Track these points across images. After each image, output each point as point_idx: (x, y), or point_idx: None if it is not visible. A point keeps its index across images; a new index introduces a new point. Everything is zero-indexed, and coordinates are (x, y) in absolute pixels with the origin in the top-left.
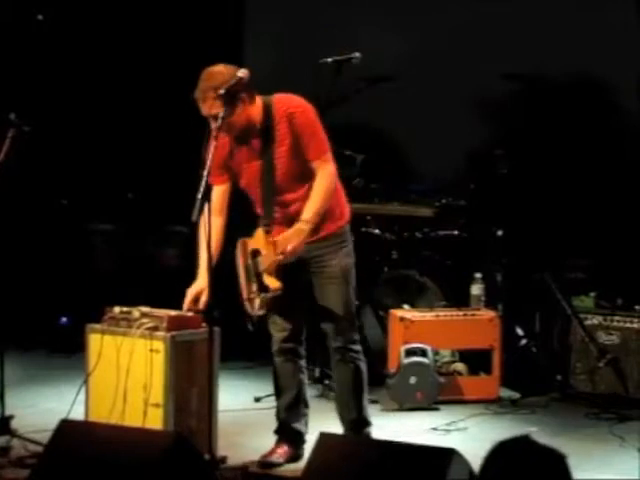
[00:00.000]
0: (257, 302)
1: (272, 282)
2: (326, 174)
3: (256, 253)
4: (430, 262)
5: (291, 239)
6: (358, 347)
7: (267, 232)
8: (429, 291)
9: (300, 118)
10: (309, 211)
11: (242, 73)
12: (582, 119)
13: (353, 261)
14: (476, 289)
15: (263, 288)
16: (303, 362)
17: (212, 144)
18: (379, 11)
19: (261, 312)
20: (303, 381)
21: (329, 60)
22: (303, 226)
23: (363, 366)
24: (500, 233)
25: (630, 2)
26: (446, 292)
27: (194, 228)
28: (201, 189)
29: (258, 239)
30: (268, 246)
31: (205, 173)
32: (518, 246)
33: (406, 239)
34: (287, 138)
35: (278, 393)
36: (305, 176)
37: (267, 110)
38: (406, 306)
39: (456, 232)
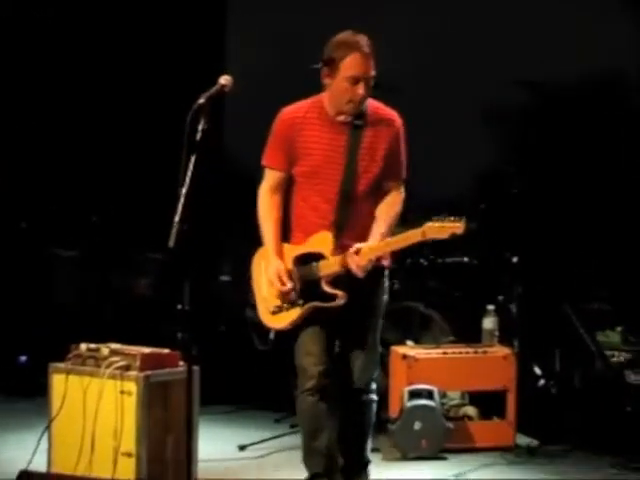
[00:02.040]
0: (295, 313)
1: (333, 290)
2: (401, 199)
3: (314, 257)
4: (436, 293)
5: (376, 252)
6: (375, 387)
7: (336, 237)
8: (435, 325)
9: (401, 129)
10: (386, 230)
11: (224, 80)
12: (601, 129)
13: None
14: (488, 323)
15: (319, 296)
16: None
17: (192, 159)
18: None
19: (290, 325)
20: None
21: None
22: (382, 244)
23: (375, 406)
24: (515, 260)
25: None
26: (455, 326)
27: (171, 255)
28: (179, 210)
29: (322, 242)
30: (335, 252)
31: (184, 192)
32: (535, 274)
33: (409, 267)
34: (383, 145)
35: (313, 435)
36: (379, 193)
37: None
38: (409, 342)
39: (465, 259)
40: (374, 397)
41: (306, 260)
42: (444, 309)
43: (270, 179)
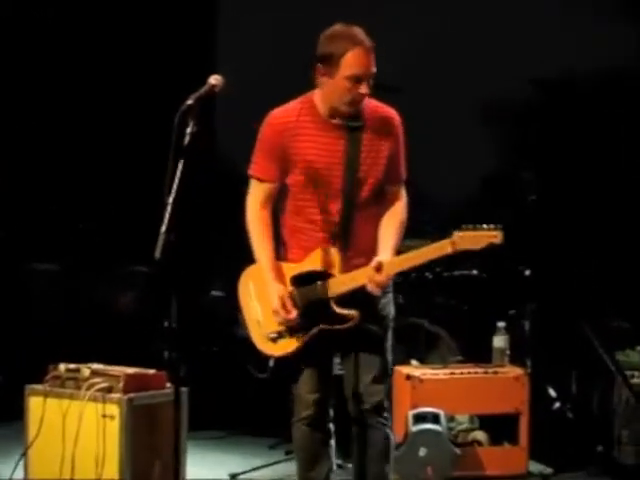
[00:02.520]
0: (299, 339)
1: (345, 310)
2: (405, 204)
3: (317, 275)
4: (443, 308)
5: (399, 266)
6: (388, 406)
7: (343, 251)
8: (442, 343)
9: (401, 127)
10: (396, 241)
11: (215, 80)
12: (621, 129)
13: None
14: (499, 341)
15: (327, 318)
16: (332, 425)
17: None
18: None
19: (293, 352)
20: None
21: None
22: (405, 258)
23: (392, 434)
24: (528, 273)
25: None
26: (463, 345)
27: (157, 267)
28: (166, 219)
29: (327, 259)
30: (341, 268)
31: (171, 200)
32: (550, 289)
33: (414, 280)
34: (384, 147)
35: (309, 466)
36: (381, 198)
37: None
38: (414, 362)
39: (475, 272)
40: (388, 420)
41: (307, 279)
42: (451, 326)
43: (260, 192)
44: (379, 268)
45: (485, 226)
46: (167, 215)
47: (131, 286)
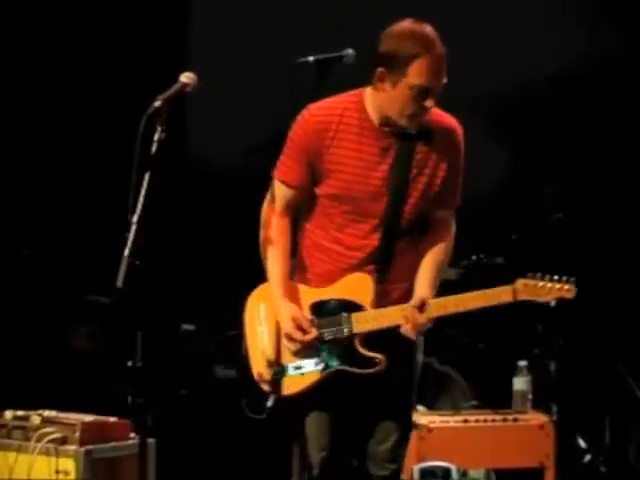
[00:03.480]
0: (311, 377)
1: (371, 353)
2: (453, 237)
3: (343, 306)
4: (455, 344)
5: (445, 309)
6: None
7: (379, 282)
8: (454, 386)
9: (463, 144)
10: (435, 279)
11: (186, 78)
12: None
13: None
14: (520, 383)
15: (349, 359)
16: None
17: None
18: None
19: (301, 392)
20: None
21: (310, 59)
22: (453, 300)
23: None
24: (553, 303)
25: None
26: (478, 387)
27: (119, 297)
28: (129, 241)
29: (358, 288)
30: (375, 302)
31: (135, 219)
32: (580, 322)
33: None
34: (442, 164)
35: None
36: (429, 224)
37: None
38: (421, 407)
39: None
40: None
41: (330, 309)
42: (464, 365)
43: (283, 197)
44: (422, 307)
45: (556, 277)
46: (131, 236)
47: (89, 320)
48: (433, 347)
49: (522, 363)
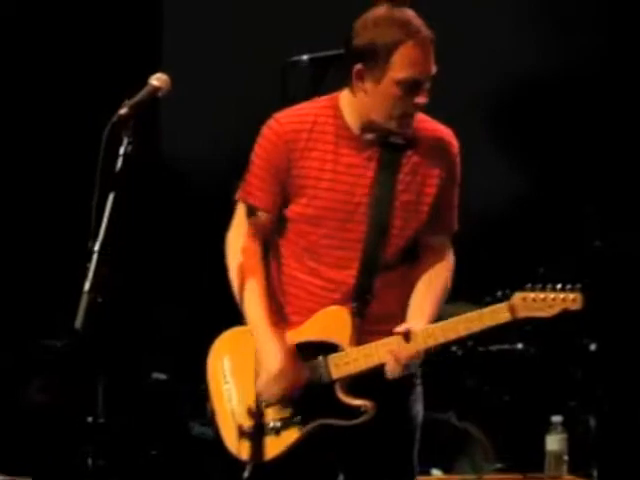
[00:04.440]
0: (290, 437)
1: (356, 400)
2: (452, 265)
3: (319, 348)
4: (477, 397)
5: (434, 339)
6: None
7: (358, 315)
8: (474, 445)
9: (458, 158)
10: (434, 309)
11: (157, 81)
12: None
13: None
14: (554, 442)
15: (330, 409)
16: None
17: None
18: None
19: (279, 455)
20: None
21: (305, 58)
22: (443, 326)
23: None
24: (594, 348)
25: None
26: (503, 447)
27: (77, 341)
28: (90, 274)
29: (334, 325)
30: (354, 340)
31: (97, 248)
32: (624, 370)
33: (437, 358)
34: (434, 180)
35: None
36: (417, 252)
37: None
38: (436, 471)
39: (520, 346)
40: None
41: (305, 352)
42: (488, 421)
43: (252, 223)
44: (407, 336)
45: (558, 286)
46: (92, 268)
47: (41, 368)
48: (450, 400)
49: (556, 418)
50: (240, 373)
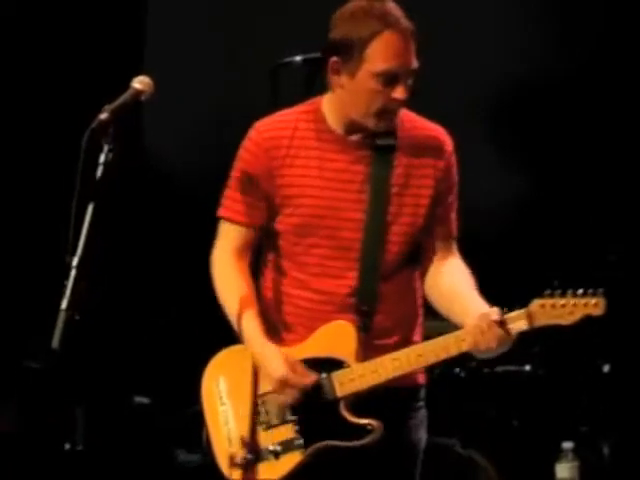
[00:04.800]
0: (291, 460)
1: (361, 418)
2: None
3: (326, 365)
4: (481, 422)
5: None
6: None
7: (362, 329)
8: (480, 474)
9: (454, 157)
10: None
11: (140, 84)
12: None
13: None
14: (565, 470)
15: (334, 430)
16: None
17: (90, 211)
18: None
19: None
20: None
21: (298, 59)
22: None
23: None
24: (607, 369)
25: None
26: (510, 476)
27: (54, 362)
28: (67, 291)
29: (337, 340)
30: (359, 355)
31: (75, 263)
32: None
33: (438, 379)
34: (428, 181)
35: None
36: (417, 260)
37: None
38: None
39: (528, 367)
40: None
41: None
42: (494, 448)
43: (234, 239)
44: (502, 323)
45: (580, 291)
46: (70, 284)
47: (13, 392)
48: (454, 426)
49: (567, 445)
50: (237, 392)
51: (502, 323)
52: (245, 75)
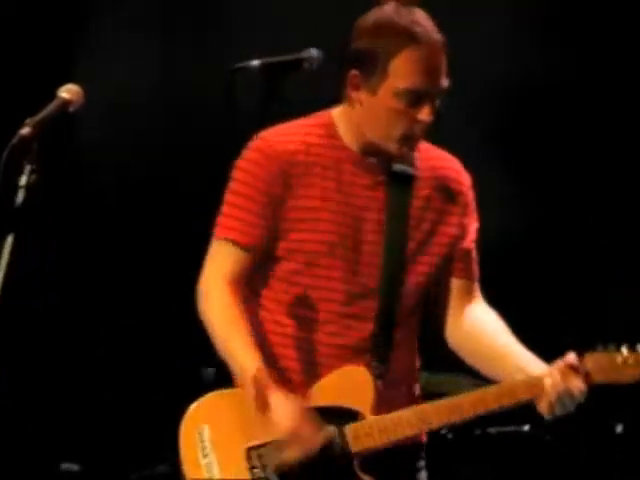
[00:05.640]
0: None
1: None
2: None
3: (337, 415)
4: None
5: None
6: None
7: (378, 376)
8: None
9: (472, 195)
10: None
11: (68, 93)
12: None
13: None
14: None
15: None
16: None
17: None
18: None
19: None
20: None
21: (254, 63)
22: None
23: None
24: (620, 430)
25: None
26: None
27: None
28: None
29: (352, 388)
30: (375, 404)
31: None
32: None
33: (439, 442)
34: (453, 219)
35: None
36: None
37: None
38: None
39: (527, 427)
40: None
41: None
42: None
43: (232, 263)
44: (577, 367)
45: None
46: None
47: None
48: None
49: None
50: (226, 445)
51: (577, 369)
52: (199, 80)
